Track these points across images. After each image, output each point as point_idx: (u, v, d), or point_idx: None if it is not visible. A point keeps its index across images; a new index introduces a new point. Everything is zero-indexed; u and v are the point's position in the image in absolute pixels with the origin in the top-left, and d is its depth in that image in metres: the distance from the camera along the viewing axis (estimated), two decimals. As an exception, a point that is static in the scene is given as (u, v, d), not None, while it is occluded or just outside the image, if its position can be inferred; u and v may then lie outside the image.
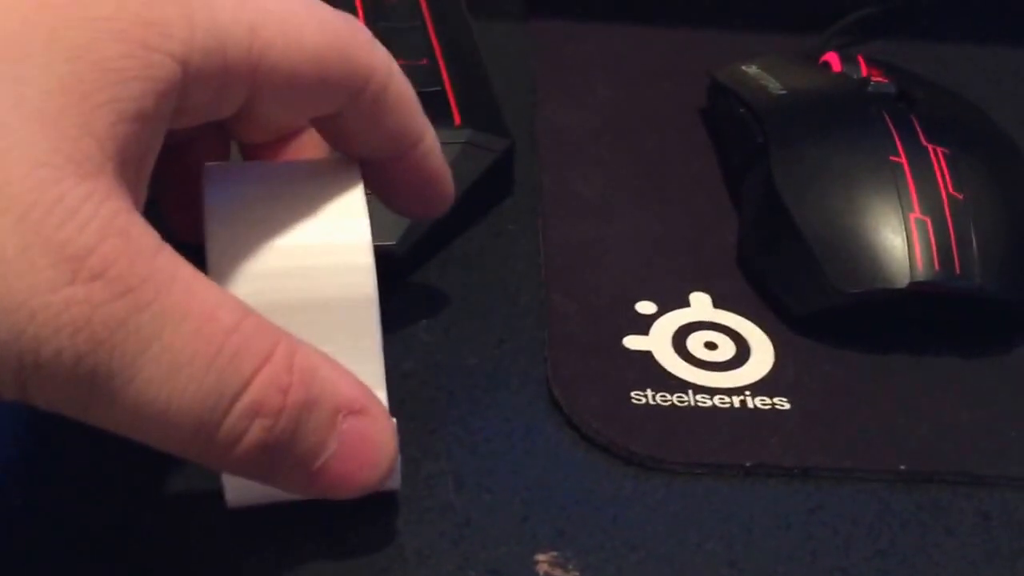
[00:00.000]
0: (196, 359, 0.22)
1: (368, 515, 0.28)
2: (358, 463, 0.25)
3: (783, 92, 0.39)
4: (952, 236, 0.33)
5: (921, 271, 0.32)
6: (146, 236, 0.22)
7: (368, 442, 0.25)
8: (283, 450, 0.24)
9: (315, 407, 0.24)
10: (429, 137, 0.29)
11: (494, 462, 0.30)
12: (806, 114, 0.37)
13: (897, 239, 0.33)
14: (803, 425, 0.31)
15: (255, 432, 0.23)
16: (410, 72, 0.39)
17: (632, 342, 0.34)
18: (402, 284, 0.35)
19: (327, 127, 0.28)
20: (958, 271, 0.32)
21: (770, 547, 0.28)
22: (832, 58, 0.41)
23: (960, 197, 0.34)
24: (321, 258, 0.27)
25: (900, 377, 0.33)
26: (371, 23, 0.42)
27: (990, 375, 0.33)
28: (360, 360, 0.27)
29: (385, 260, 0.35)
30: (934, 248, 0.33)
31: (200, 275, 0.23)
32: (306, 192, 0.28)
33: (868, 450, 0.31)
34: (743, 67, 0.42)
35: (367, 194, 0.28)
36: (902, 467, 0.30)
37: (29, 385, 0.21)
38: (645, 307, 0.35)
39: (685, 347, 0.34)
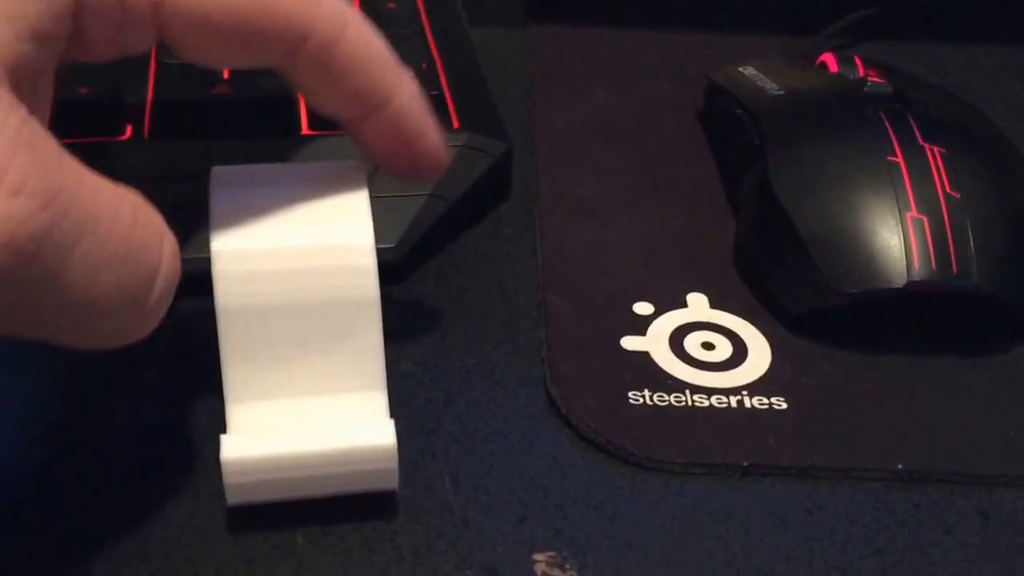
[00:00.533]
0: (114, 258, 0.23)
1: (366, 515, 0.28)
2: None
3: (780, 93, 0.39)
4: (949, 235, 0.33)
5: (918, 270, 0.32)
6: (50, 145, 0.22)
7: None
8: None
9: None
10: (403, 96, 0.28)
11: (491, 462, 0.30)
12: (803, 115, 0.37)
13: (894, 239, 0.33)
14: (800, 425, 0.31)
15: (167, 299, 0.24)
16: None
17: (629, 343, 0.33)
18: (400, 286, 0.35)
19: (285, 79, 0.28)
20: (955, 270, 0.32)
21: (768, 547, 0.28)
22: (829, 59, 0.41)
23: (957, 196, 0.33)
24: (324, 260, 0.27)
25: (897, 377, 0.33)
26: (369, 28, 0.43)
27: (987, 374, 0.33)
28: (361, 360, 0.27)
29: (383, 262, 0.35)
30: (931, 247, 0.32)
31: (95, 174, 0.23)
32: (311, 194, 0.28)
33: (865, 449, 0.31)
34: (740, 68, 0.42)
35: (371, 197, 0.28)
36: (900, 466, 0.30)
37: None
38: (642, 308, 0.35)
39: (682, 347, 0.33)
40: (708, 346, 0.34)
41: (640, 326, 0.34)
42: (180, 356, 0.32)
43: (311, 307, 0.27)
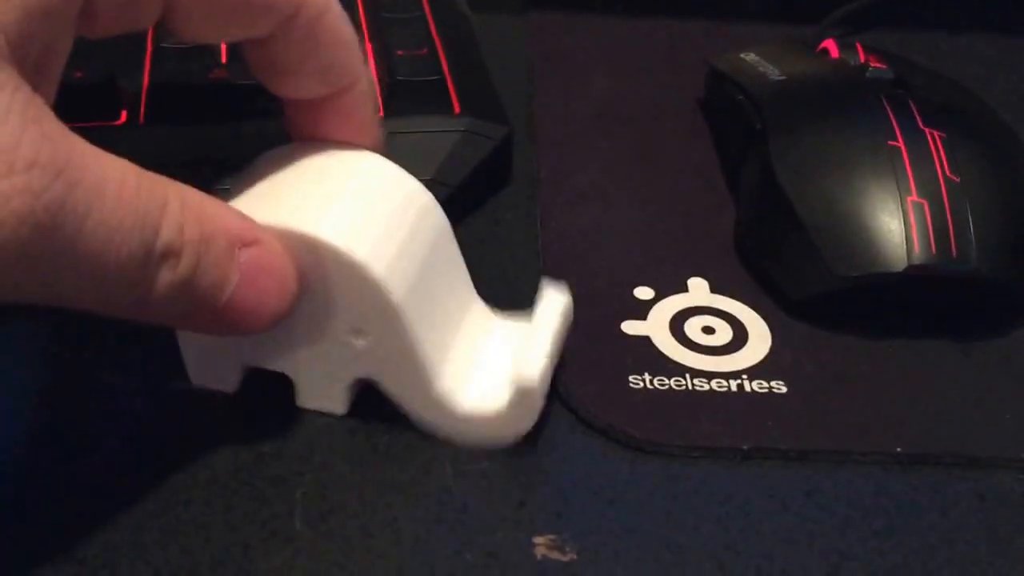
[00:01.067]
0: (123, 224, 0.23)
1: (366, 500, 0.28)
2: (262, 291, 0.27)
3: (781, 78, 0.39)
4: (949, 219, 0.33)
5: (918, 255, 0.32)
6: (55, 121, 0.23)
7: (267, 270, 0.27)
8: (191, 286, 0.25)
9: (211, 241, 0.25)
10: (365, 83, 0.30)
11: (492, 447, 0.30)
12: (804, 100, 0.37)
13: (894, 223, 0.33)
14: (800, 408, 0.31)
15: (164, 275, 0.24)
16: (410, 62, 0.39)
17: (630, 327, 0.33)
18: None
19: (262, 56, 0.28)
20: (955, 254, 0.32)
21: (767, 530, 0.28)
22: (830, 45, 0.40)
23: (957, 180, 0.33)
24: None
25: (897, 360, 0.33)
26: (371, 14, 0.43)
27: (986, 358, 0.33)
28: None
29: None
30: (931, 231, 0.32)
31: (97, 148, 0.23)
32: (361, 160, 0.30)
33: (865, 433, 0.31)
34: (741, 55, 0.42)
35: None
36: (898, 449, 0.30)
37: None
38: (643, 292, 0.35)
39: (683, 332, 0.33)
40: (708, 330, 0.34)
41: (641, 310, 0.34)
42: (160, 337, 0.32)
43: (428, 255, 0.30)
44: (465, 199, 0.38)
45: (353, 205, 0.29)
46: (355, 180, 0.29)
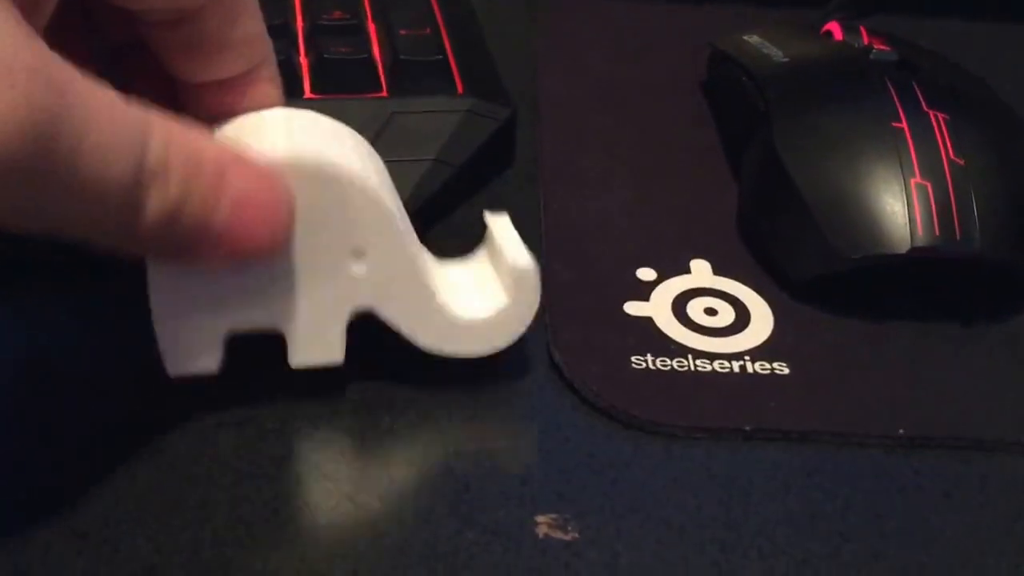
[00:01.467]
0: (116, 144, 0.23)
1: (369, 478, 0.28)
2: (257, 213, 0.26)
3: (785, 60, 0.39)
4: (953, 201, 0.33)
5: (922, 236, 0.32)
6: (47, 49, 0.23)
7: (259, 190, 0.27)
8: (181, 210, 0.25)
9: (198, 164, 0.25)
10: (273, 58, 0.30)
11: (494, 426, 0.30)
12: (809, 81, 0.37)
13: (898, 204, 0.33)
14: (802, 390, 0.31)
15: (155, 196, 0.24)
16: (413, 41, 0.39)
17: (632, 308, 0.33)
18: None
19: (185, 35, 0.28)
20: (958, 236, 0.32)
21: (770, 511, 0.28)
22: (834, 27, 0.40)
23: (961, 162, 0.33)
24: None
25: (899, 342, 0.33)
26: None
27: (989, 340, 0.33)
28: None
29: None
30: (935, 213, 0.32)
31: (84, 72, 0.24)
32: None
33: (867, 415, 0.31)
34: (744, 37, 0.42)
35: None
36: (900, 432, 0.30)
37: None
38: (645, 274, 0.35)
39: (685, 313, 0.33)
40: (711, 312, 0.34)
41: (643, 292, 0.34)
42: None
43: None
44: (468, 180, 0.37)
45: (322, 138, 0.29)
46: (306, 123, 0.29)
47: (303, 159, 0.27)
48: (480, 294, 0.30)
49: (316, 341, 0.29)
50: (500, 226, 0.31)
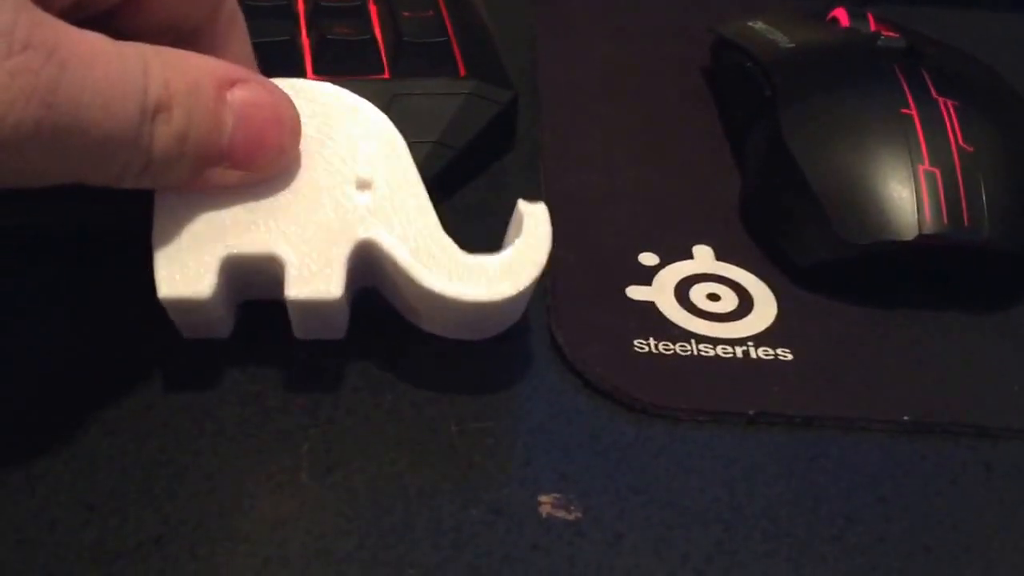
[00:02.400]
0: (115, 89, 0.24)
1: (371, 456, 0.28)
2: (262, 127, 0.27)
3: (791, 46, 0.39)
4: (961, 188, 0.33)
5: (929, 224, 0.32)
6: (37, 7, 0.23)
7: (262, 105, 0.27)
8: (188, 136, 0.26)
9: (198, 88, 0.26)
10: (240, 16, 0.30)
11: (497, 407, 0.30)
12: (815, 67, 0.37)
13: (906, 191, 0.33)
14: (806, 375, 0.31)
15: (161, 130, 0.25)
16: (416, 23, 0.39)
17: (635, 292, 0.34)
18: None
19: None
20: (967, 224, 0.32)
21: (773, 493, 0.28)
22: (840, 14, 0.40)
23: (970, 150, 0.33)
24: None
25: (904, 329, 0.33)
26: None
27: (995, 328, 0.33)
28: None
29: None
30: (943, 200, 0.32)
31: (73, 26, 0.24)
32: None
33: (871, 400, 0.31)
34: (749, 23, 0.42)
35: None
36: (905, 418, 0.30)
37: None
38: (648, 258, 0.35)
39: (688, 298, 0.34)
40: (714, 297, 0.34)
41: (646, 276, 0.34)
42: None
43: None
44: (469, 163, 0.38)
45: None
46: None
47: (310, 84, 0.28)
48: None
49: (315, 272, 0.28)
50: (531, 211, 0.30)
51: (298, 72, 0.37)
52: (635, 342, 0.32)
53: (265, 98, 0.27)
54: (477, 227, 0.36)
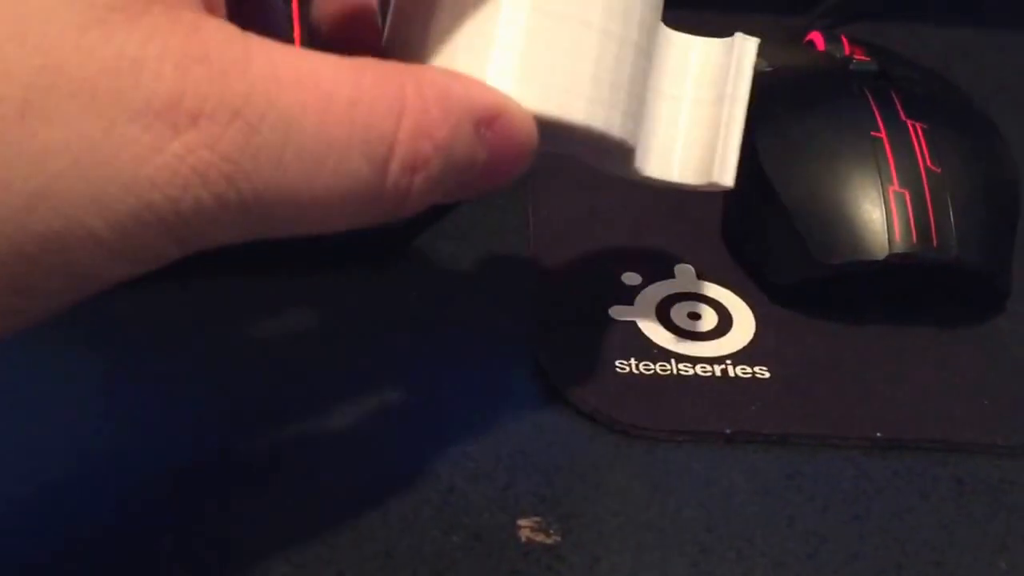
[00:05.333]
0: (334, 146, 0.20)
1: (354, 481, 0.27)
2: (505, 159, 0.24)
3: (768, 69, 0.38)
4: (930, 208, 0.32)
5: (899, 243, 0.32)
6: (227, 42, 0.19)
7: (512, 140, 0.24)
8: (444, 180, 0.22)
9: (458, 132, 0.22)
10: None
11: (479, 430, 0.29)
12: (790, 90, 0.36)
13: (876, 211, 0.32)
14: (782, 393, 0.31)
15: (418, 183, 0.21)
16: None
17: (617, 312, 0.33)
18: (394, 256, 0.34)
19: None
20: (935, 243, 0.32)
21: (749, 513, 0.28)
22: (816, 37, 0.40)
23: (938, 171, 0.33)
24: None
25: (878, 347, 0.32)
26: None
27: (964, 345, 0.33)
28: None
29: (379, 233, 0.35)
30: (912, 220, 0.32)
31: (292, 50, 0.20)
32: None
33: (845, 418, 0.30)
34: (729, 45, 0.41)
35: None
36: (878, 434, 0.30)
37: (190, 242, 0.20)
38: (630, 278, 0.34)
39: (669, 317, 0.33)
40: (694, 316, 0.33)
41: (628, 296, 0.34)
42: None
43: None
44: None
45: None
46: None
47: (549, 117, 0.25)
48: None
49: None
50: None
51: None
52: (617, 362, 0.31)
53: (518, 135, 0.24)
54: (465, 247, 0.35)
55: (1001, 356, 0.32)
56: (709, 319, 0.33)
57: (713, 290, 0.34)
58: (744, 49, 0.28)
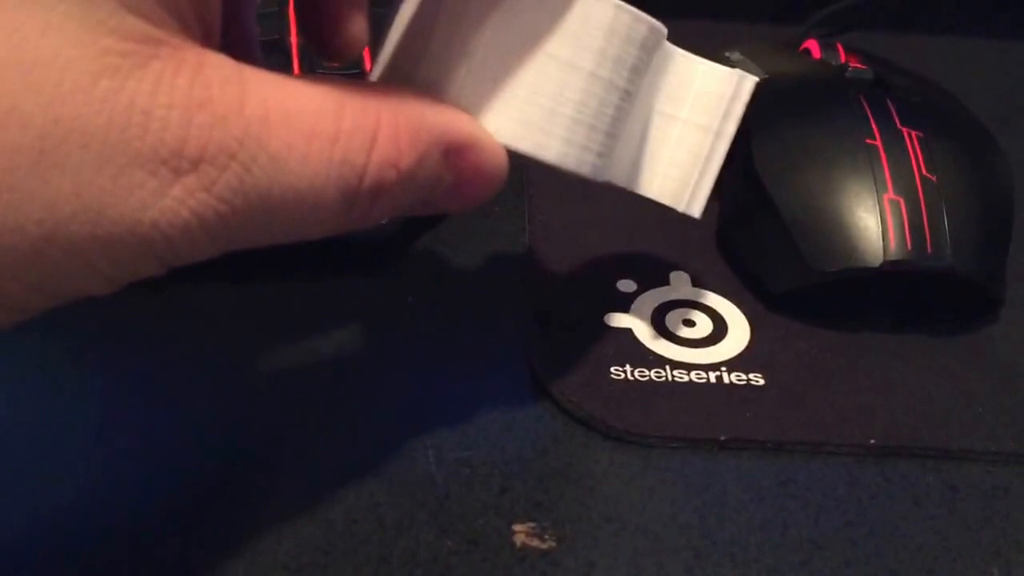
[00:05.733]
0: (315, 182, 0.21)
1: (349, 486, 0.27)
2: (476, 184, 0.24)
3: (764, 77, 0.38)
4: (924, 216, 0.32)
5: (894, 251, 0.32)
6: (226, 82, 0.20)
7: (480, 169, 0.24)
8: (405, 200, 0.23)
9: (425, 158, 0.23)
10: None
11: (474, 435, 0.29)
12: (787, 98, 0.36)
13: (871, 219, 0.32)
14: (777, 400, 0.31)
15: (381, 204, 0.22)
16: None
17: (613, 319, 0.33)
18: (391, 263, 0.34)
19: None
20: (930, 251, 0.32)
21: (743, 519, 0.28)
22: (812, 45, 0.40)
23: (933, 179, 0.33)
24: None
25: (872, 354, 0.32)
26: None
27: (958, 352, 0.33)
28: None
29: (375, 240, 0.35)
30: (907, 228, 0.32)
31: (285, 81, 0.21)
32: None
33: (839, 425, 0.30)
34: (726, 54, 0.41)
35: None
36: (872, 441, 0.30)
37: (172, 264, 0.21)
38: (626, 285, 0.34)
39: (664, 324, 0.33)
40: (689, 323, 0.33)
41: (624, 303, 0.34)
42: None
43: None
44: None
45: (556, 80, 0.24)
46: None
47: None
48: None
49: None
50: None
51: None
52: (612, 369, 0.31)
53: (487, 166, 0.24)
54: (462, 254, 0.35)
55: (994, 364, 0.32)
56: (704, 326, 0.33)
57: (708, 297, 0.34)
58: (742, 88, 0.28)
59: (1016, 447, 0.30)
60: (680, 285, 0.34)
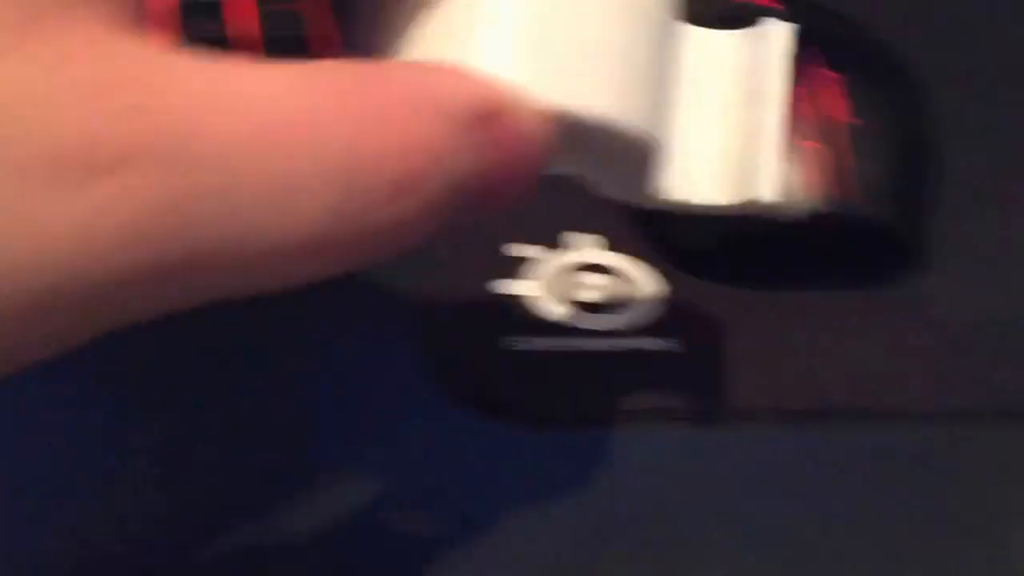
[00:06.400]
0: (288, 181, 0.16)
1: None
2: (509, 166, 0.19)
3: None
4: (849, 165, 0.30)
5: (814, 198, 0.29)
6: (147, 64, 0.15)
7: (518, 141, 0.19)
8: (437, 202, 0.17)
9: (455, 133, 0.17)
10: None
11: (363, 419, 0.27)
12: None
13: (793, 169, 0.29)
14: (694, 367, 0.29)
15: (400, 206, 0.17)
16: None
17: (506, 287, 0.30)
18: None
19: None
20: (853, 200, 0.30)
21: (657, 496, 0.26)
22: (731, -13, 0.37)
23: (857, 123, 0.30)
24: None
25: (793, 314, 0.30)
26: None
27: (883, 308, 0.31)
28: None
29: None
30: (828, 175, 0.30)
31: (231, 66, 0.16)
32: None
33: (759, 390, 0.28)
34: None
35: None
36: (795, 406, 0.28)
37: (105, 321, 0.15)
38: (522, 250, 0.31)
39: (566, 290, 0.30)
40: (595, 288, 0.30)
41: (519, 269, 0.31)
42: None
43: None
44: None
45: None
46: None
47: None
48: None
49: None
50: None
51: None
52: (506, 341, 0.29)
53: (521, 134, 0.19)
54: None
55: (923, 320, 0.31)
56: (612, 290, 0.30)
57: (616, 260, 0.31)
58: (775, 37, 0.24)
59: (950, 405, 0.29)
60: (584, 248, 0.32)
